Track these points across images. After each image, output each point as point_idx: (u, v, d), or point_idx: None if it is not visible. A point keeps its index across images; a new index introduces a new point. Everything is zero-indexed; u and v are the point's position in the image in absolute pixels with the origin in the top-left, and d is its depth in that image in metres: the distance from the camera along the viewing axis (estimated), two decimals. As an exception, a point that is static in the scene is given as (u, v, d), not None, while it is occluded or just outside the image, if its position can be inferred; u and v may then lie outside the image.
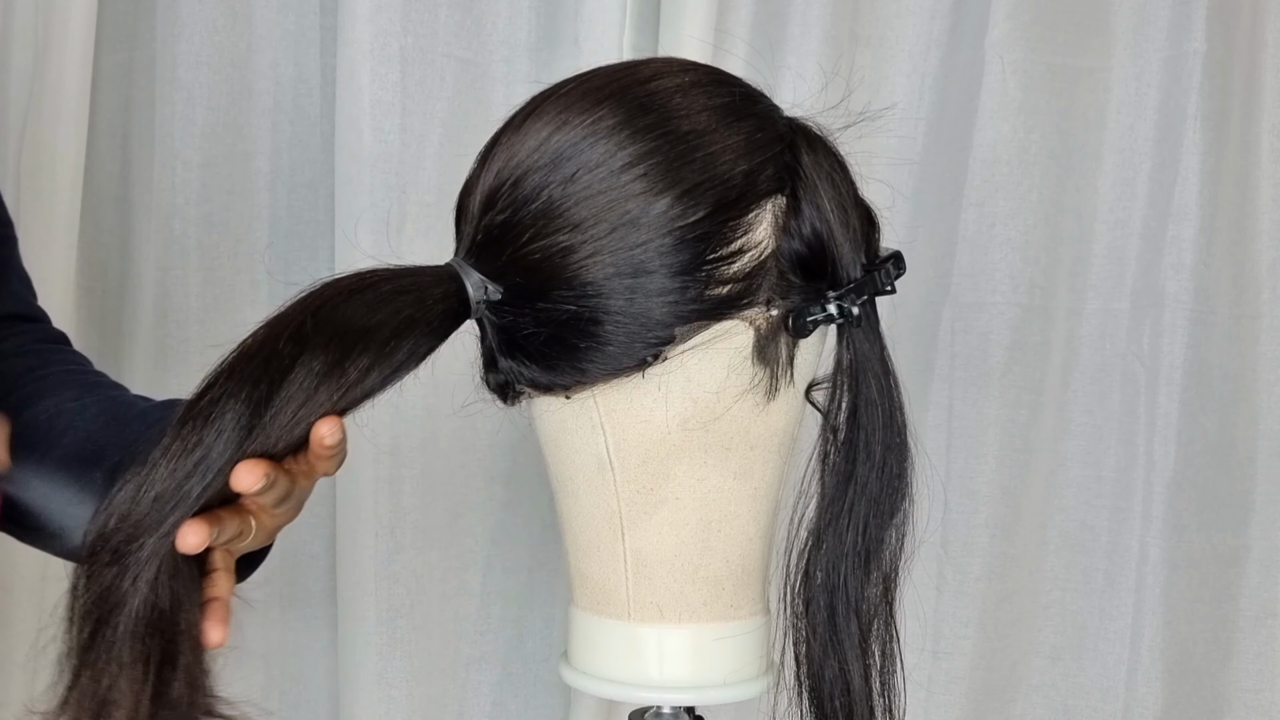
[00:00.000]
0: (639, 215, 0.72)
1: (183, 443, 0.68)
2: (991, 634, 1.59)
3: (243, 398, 0.68)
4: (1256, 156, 1.53)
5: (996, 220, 1.54)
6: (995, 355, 1.56)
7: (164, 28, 1.43)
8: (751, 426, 0.77)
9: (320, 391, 0.69)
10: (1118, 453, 1.58)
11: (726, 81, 0.78)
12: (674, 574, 0.79)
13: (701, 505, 0.78)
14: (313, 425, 0.70)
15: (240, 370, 0.70)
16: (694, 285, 0.73)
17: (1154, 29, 1.54)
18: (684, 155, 0.73)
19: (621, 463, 0.77)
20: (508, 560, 1.54)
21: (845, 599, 0.79)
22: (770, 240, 0.75)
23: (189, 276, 1.45)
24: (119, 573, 0.67)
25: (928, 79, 1.54)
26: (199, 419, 0.68)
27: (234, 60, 1.45)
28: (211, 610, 0.73)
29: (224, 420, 0.68)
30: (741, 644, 0.82)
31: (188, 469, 0.68)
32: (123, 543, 0.67)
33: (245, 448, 0.68)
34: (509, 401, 0.79)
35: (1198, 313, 1.54)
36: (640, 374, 0.74)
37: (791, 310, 0.75)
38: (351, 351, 0.70)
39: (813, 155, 0.76)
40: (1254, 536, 1.58)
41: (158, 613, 0.68)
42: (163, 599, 0.68)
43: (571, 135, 0.73)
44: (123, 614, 0.67)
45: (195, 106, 1.44)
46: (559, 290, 0.73)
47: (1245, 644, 1.59)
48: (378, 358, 0.71)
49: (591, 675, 0.83)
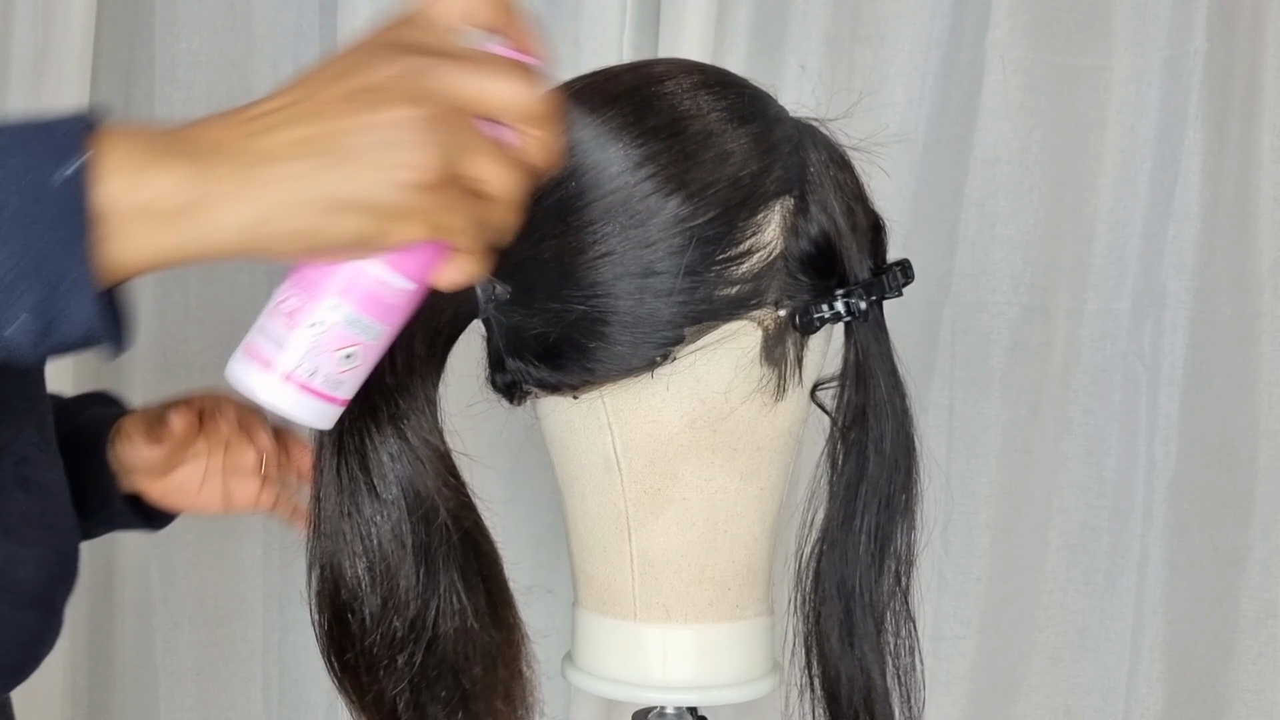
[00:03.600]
0: (649, 215, 0.72)
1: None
2: (992, 634, 1.59)
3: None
4: (1257, 156, 1.53)
5: (997, 220, 1.54)
6: (996, 355, 1.56)
7: (164, 28, 1.43)
8: (759, 427, 0.77)
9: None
10: (1118, 453, 1.58)
11: (735, 83, 0.78)
12: (680, 574, 0.79)
13: (708, 505, 0.78)
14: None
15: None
16: (703, 285, 0.72)
17: (1155, 29, 1.53)
18: (693, 156, 0.73)
19: (629, 463, 0.77)
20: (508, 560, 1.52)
21: (860, 598, 0.79)
22: (779, 241, 0.75)
23: (189, 276, 1.45)
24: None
25: (928, 79, 1.54)
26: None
27: (234, 60, 1.45)
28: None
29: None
30: (746, 644, 0.81)
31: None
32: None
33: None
34: (515, 401, 0.79)
35: (1198, 313, 1.54)
36: (649, 374, 0.74)
37: (799, 308, 0.75)
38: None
39: (820, 156, 0.77)
40: (1255, 537, 1.57)
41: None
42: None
43: (581, 135, 0.73)
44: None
45: (195, 106, 1.44)
46: (568, 290, 0.72)
47: (1246, 644, 1.59)
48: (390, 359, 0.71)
49: (596, 675, 0.83)
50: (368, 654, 0.70)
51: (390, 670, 0.70)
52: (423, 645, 0.70)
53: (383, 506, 0.69)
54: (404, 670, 0.70)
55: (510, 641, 0.74)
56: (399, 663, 0.70)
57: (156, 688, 1.50)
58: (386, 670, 0.70)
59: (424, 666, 0.70)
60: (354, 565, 0.69)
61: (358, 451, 0.69)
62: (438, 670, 0.70)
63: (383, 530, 0.69)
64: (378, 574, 0.69)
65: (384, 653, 0.70)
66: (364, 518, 0.69)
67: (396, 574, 0.69)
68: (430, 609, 0.70)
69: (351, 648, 0.70)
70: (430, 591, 0.70)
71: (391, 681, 0.70)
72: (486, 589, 0.72)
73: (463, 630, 0.71)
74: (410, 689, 0.70)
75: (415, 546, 0.69)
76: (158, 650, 1.50)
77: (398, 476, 0.69)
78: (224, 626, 1.53)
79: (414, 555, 0.69)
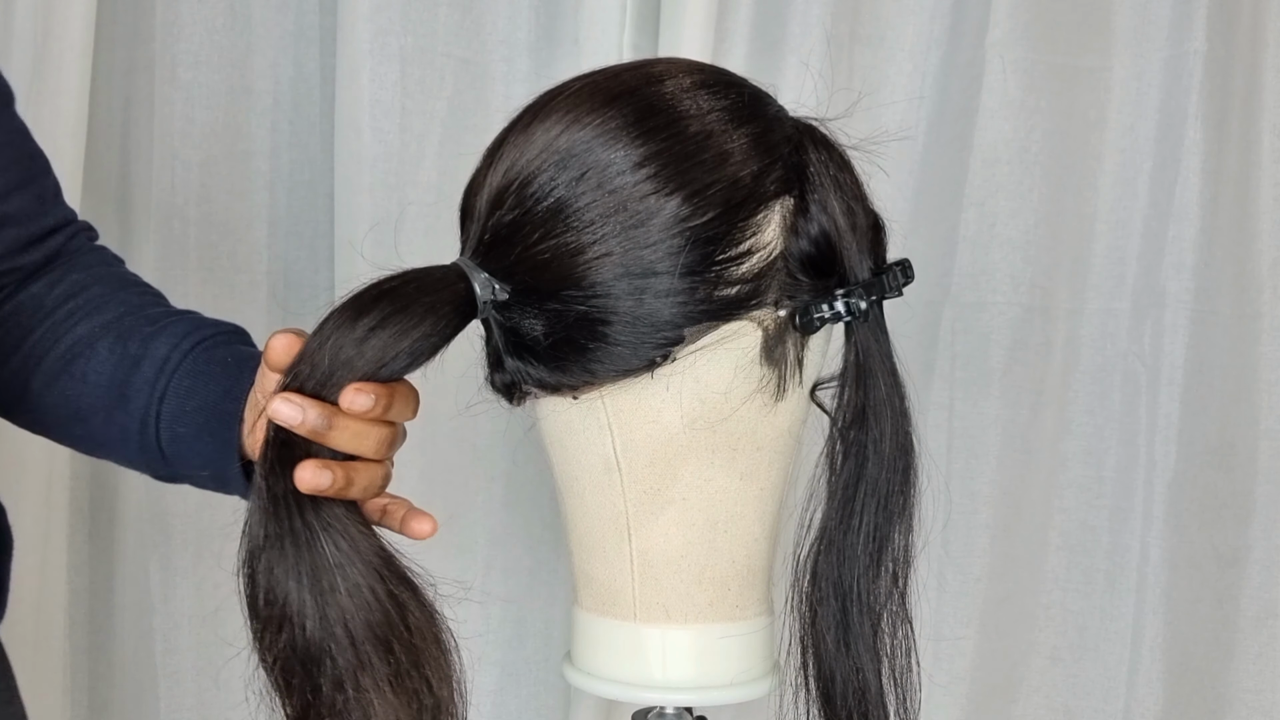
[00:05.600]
0: (648, 216, 0.72)
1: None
2: (992, 634, 1.59)
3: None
4: (1257, 156, 1.53)
5: (997, 220, 1.54)
6: (996, 355, 1.56)
7: (164, 28, 1.43)
8: (759, 427, 0.77)
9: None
10: (1118, 453, 1.58)
11: (735, 83, 0.78)
12: (680, 575, 0.79)
13: (708, 506, 0.78)
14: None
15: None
16: (703, 286, 0.73)
17: (1155, 28, 1.54)
18: (693, 156, 0.73)
19: (629, 463, 0.77)
20: (508, 560, 1.53)
21: (857, 599, 0.79)
22: (779, 241, 0.75)
23: (189, 276, 1.45)
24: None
25: (928, 79, 1.54)
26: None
27: (234, 60, 1.45)
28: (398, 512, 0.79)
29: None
30: (746, 645, 0.81)
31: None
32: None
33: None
34: (515, 402, 0.79)
35: (1199, 313, 1.54)
36: (649, 374, 0.74)
37: (799, 309, 0.75)
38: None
39: (820, 156, 0.77)
40: (1255, 537, 1.57)
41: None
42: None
43: (581, 135, 0.73)
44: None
45: (195, 106, 1.44)
46: (568, 290, 0.73)
47: (1246, 644, 1.59)
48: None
49: (595, 676, 0.83)
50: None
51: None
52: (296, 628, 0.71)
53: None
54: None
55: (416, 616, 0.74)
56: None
57: (156, 688, 1.50)
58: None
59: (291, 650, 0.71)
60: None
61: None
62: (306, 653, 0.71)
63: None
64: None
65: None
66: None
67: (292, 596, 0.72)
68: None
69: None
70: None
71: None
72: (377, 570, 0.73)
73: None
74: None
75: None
76: (158, 650, 1.50)
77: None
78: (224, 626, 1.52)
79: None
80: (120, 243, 1.46)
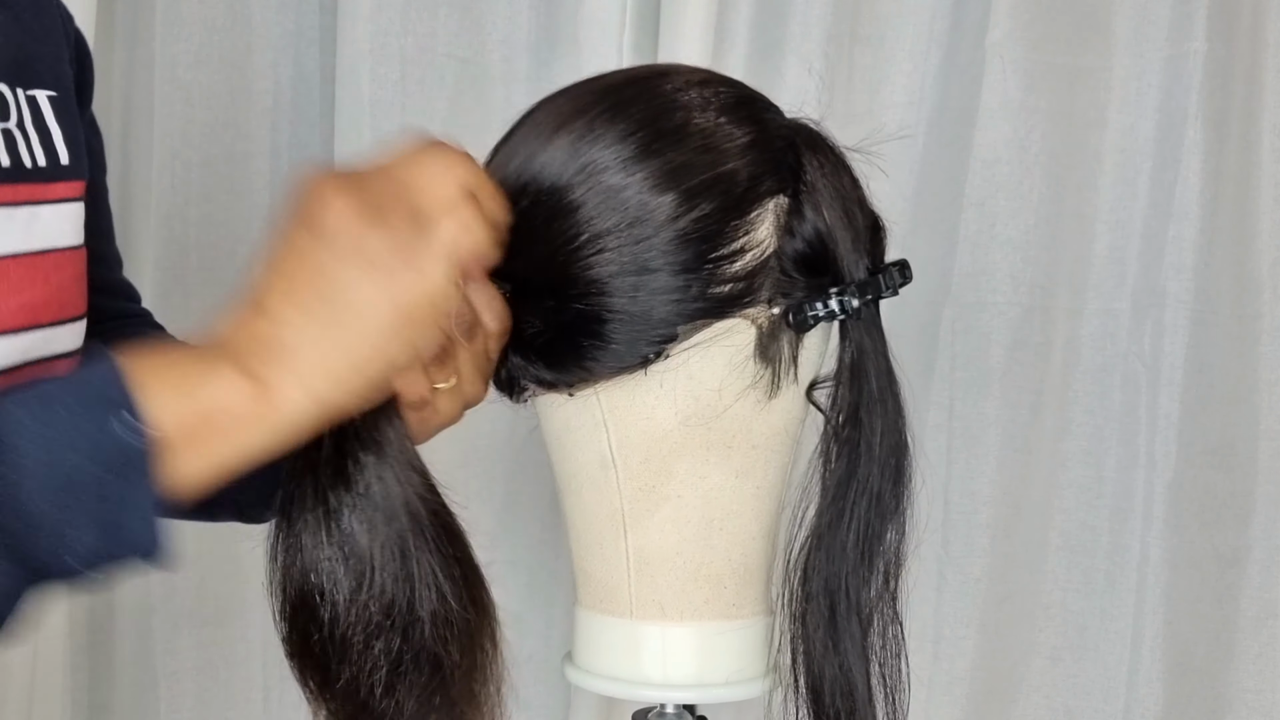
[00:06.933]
0: (643, 213, 0.72)
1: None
2: (992, 634, 1.59)
3: None
4: (1257, 156, 1.53)
5: (997, 220, 1.54)
6: (996, 355, 1.56)
7: (164, 27, 1.43)
8: (753, 425, 0.77)
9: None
10: (1118, 453, 1.58)
11: (732, 84, 0.79)
12: (676, 572, 0.79)
13: (703, 503, 0.78)
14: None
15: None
16: (696, 283, 0.73)
17: (1155, 28, 1.54)
18: (688, 154, 0.73)
19: (624, 460, 0.77)
20: (508, 560, 1.53)
21: (846, 598, 0.79)
22: (772, 239, 0.75)
23: (188, 276, 1.45)
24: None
25: (928, 79, 1.54)
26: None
27: (234, 60, 1.45)
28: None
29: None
30: (744, 643, 0.81)
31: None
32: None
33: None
34: (516, 399, 0.80)
35: (1199, 313, 1.54)
36: (643, 371, 0.75)
37: (793, 306, 0.75)
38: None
39: (815, 157, 0.77)
40: (1255, 537, 1.57)
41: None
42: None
43: (579, 135, 0.74)
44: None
45: (195, 106, 1.44)
46: (566, 288, 0.73)
47: (1246, 645, 1.59)
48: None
49: (595, 674, 0.83)
50: (341, 642, 0.69)
51: (366, 657, 0.69)
52: (399, 631, 0.69)
53: (355, 499, 0.69)
54: (380, 657, 0.70)
55: (486, 622, 0.74)
56: (375, 649, 0.69)
57: (156, 688, 1.50)
58: (361, 658, 0.69)
59: (401, 652, 0.70)
60: (324, 553, 0.69)
61: (331, 461, 0.69)
62: (415, 655, 0.70)
63: (356, 522, 0.69)
64: (350, 562, 0.69)
65: (360, 640, 0.69)
66: (334, 511, 0.69)
67: (373, 561, 0.69)
68: (410, 594, 0.70)
69: (320, 636, 0.69)
70: (408, 576, 0.69)
71: (367, 669, 0.70)
72: (462, 569, 0.72)
73: (441, 613, 0.71)
74: (387, 676, 0.70)
75: (390, 535, 0.69)
76: (158, 650, 1.50)
77: (368, 477, 0.69)
78: (224, 626, 1.53)
79: (389, 543, 0.69)
80: (120, 243, 1.45)
